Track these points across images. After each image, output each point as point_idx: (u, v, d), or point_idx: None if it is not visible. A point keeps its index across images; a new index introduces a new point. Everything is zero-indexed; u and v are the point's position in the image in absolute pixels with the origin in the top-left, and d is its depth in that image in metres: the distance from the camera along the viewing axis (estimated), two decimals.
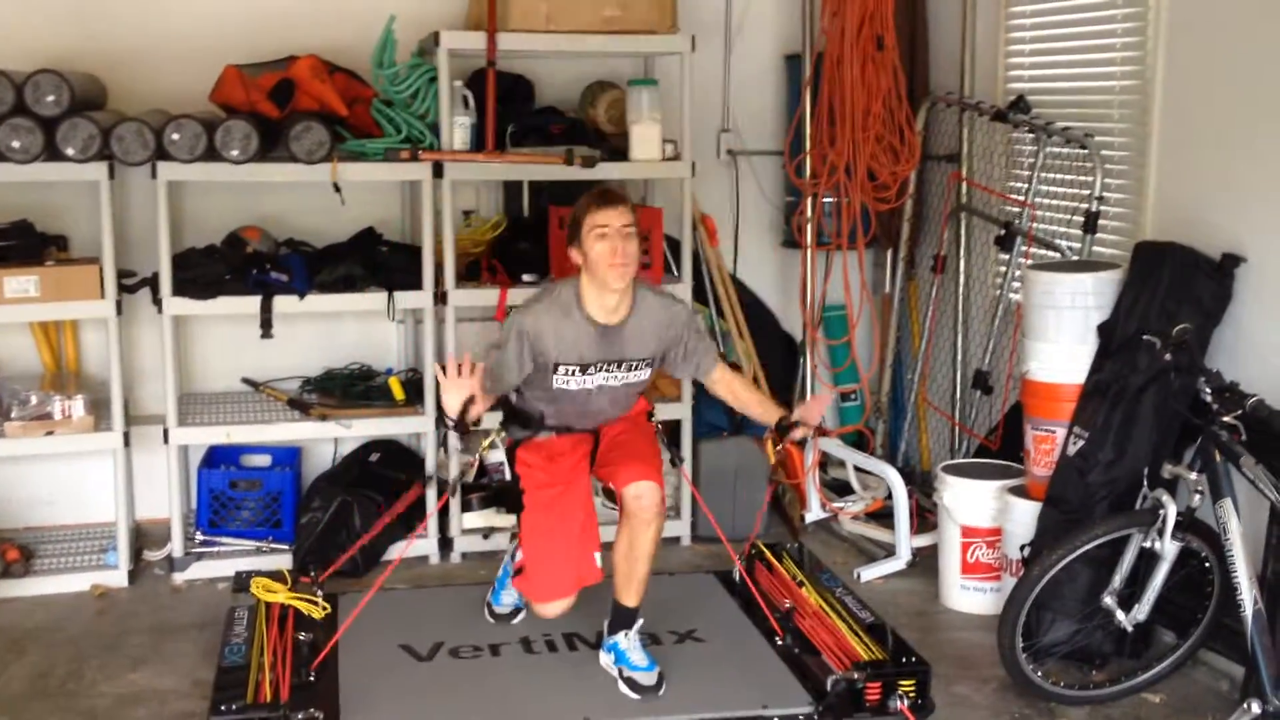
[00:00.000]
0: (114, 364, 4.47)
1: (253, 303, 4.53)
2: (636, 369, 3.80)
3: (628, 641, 3.73)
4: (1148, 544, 3.56)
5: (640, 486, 3.69)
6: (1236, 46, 3.81)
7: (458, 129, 4.68)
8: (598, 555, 3.79)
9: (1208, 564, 3.65)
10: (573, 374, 3.73)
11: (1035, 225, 4.62)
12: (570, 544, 3.76)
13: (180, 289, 4.48)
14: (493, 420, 4.01)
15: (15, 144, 4.21)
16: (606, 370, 3.76)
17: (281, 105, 4.57)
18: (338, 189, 4.57)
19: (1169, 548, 3.54)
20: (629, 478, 3.71)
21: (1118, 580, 3.61)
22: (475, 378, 3.57)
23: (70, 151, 4.25)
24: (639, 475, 3.70)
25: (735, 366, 5.19)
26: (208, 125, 4.37)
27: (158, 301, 4.49)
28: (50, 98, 4.23)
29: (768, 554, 4.33)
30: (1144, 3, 4.14)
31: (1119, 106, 4.31)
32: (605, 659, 3.78)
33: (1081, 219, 4.31)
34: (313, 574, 4.09)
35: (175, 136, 4.33)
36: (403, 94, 4.66)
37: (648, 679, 3.69)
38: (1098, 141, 4.31)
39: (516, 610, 4.11)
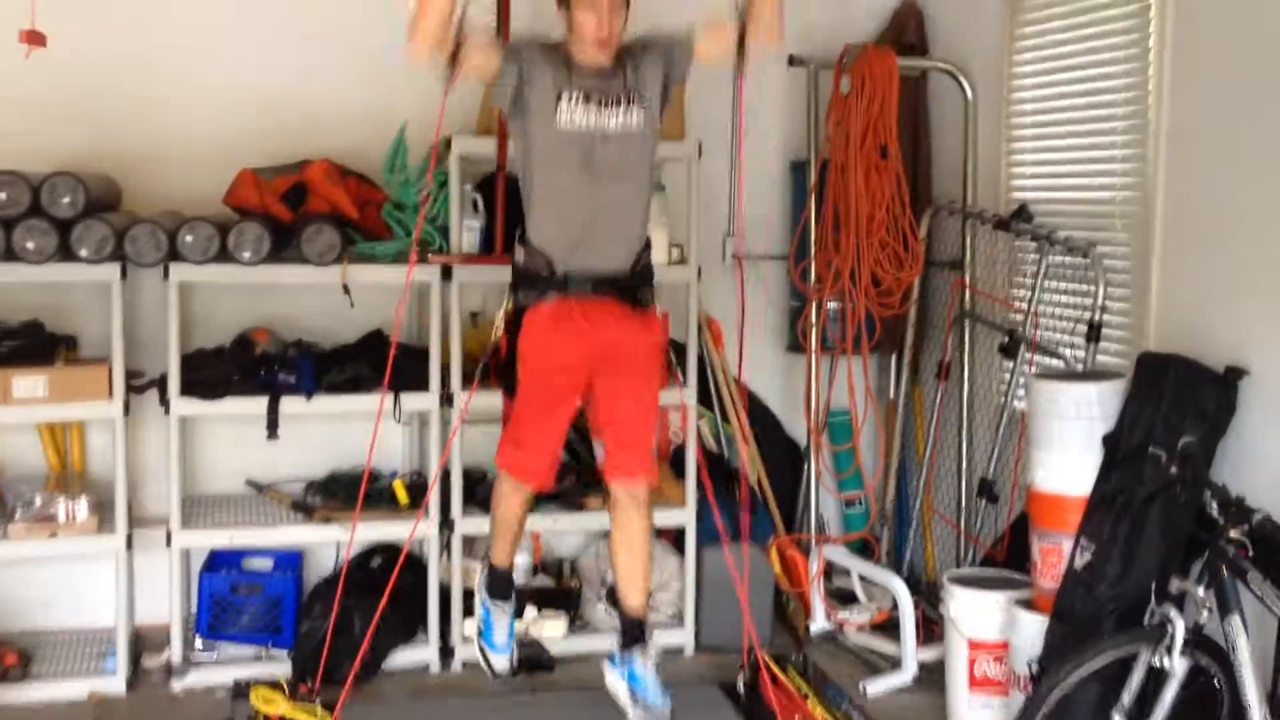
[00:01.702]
0: (119, 465, 4.47)
1: (260, 403, 4.54)
2: (635, 107, 3.73)
3: (645, 666, 3.71)
4: (1156, 661, 3.51)
5: (631, 488, 3.75)
6: (1237, 156, 3.85)
7: (467, 232, 4.73)
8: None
9: (1217, 682, 3.60)
10: (577, 102, 3.67)
11: (1039, 333, 4.64)
12: (543, 449, 3.86)
13: (188, 390, 4.49)
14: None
15: (30, 245, 4.26)
16: (611, 104, 3.69)
17: (294, 208, 4.63)
18: (347, 291, 4.60)
19: (1178, 665, 3.48)
20: (622, 471, 3.73)
21: (1127, 698, 3.55)
22: None
23: (84, 253, 4.30)
24: (631, 472, 3.73)
25: (736, 472, 5.17)
26: (221, 227, 4.42)
27: (165, 402, 4.51)
28: (66, 199, 4.28)
29: (772, 666, 4.28)
30: (1144, 115, 4.20)
31: (1120, 217, 4.35)
32: (615, 680, 3.74)
33: (1085, 328, 4.33)
34: (310, 684, 4.05)
35: (188, 238, 4.38)
36: (414, 198, 4.72)
37: (663, 713, 3.68)
38: (1100, 251, 4.34)
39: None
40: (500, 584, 4.10)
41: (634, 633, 3.75)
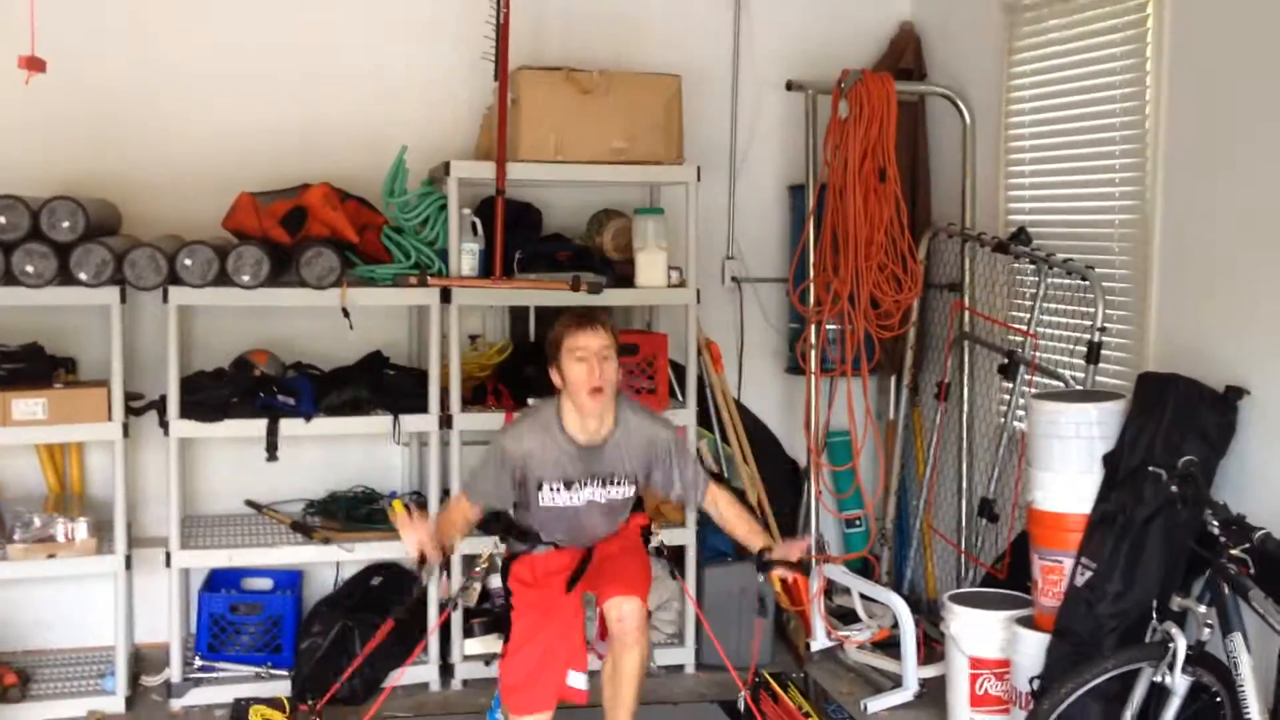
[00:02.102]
0: (119, 486, 4.47)
1: (259, 425, 4.54)
2: (620, 485, 3.83)
3: None
4: (1158, 678, 3.51)
5: (622, 606, 3.69)
6: (1235, 177, 3.87)
7: (466, 255, 4.75)
8: (583, 676, 3.72)
9: (1219, 699, 3.60)
10: (558, 490, 3.76)
11: (1038, 354, 4.65)
12: (552, 657, 3.72)
13: (187, 412, 4.49)
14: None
15: (29, 269, 4.26)
16: (592, 486, 3.79)
17: (293, 232, 4.64)
18: (346, 314, 4.61)
19: (1180, 682, 3.49)
20: (610, 594, 3.71)
21: (1129, 715, 3.54)
22: (426, 526, 3.70)
23: (83, 276, 4.30)
24: (620, 592, 3.70)
25: (739, 492, 5.18)
26: (220, 251, 4.43)
27: (164, 424, 4.50)
28: (65, 224, 4.29)
29: (773, 684, 4.27)
30: (1142, 138, 4.23)
31: (1119, 239, 4.37)
32: None
33: (1084, 349, 4.34)
34: (310, 702, 4.04)
35: (188, 262, 4.39)
36: (413, 221, 4.74)
37: None
38: (1099, 273, 4.36)
39: None
40: None
41: None
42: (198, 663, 4.64)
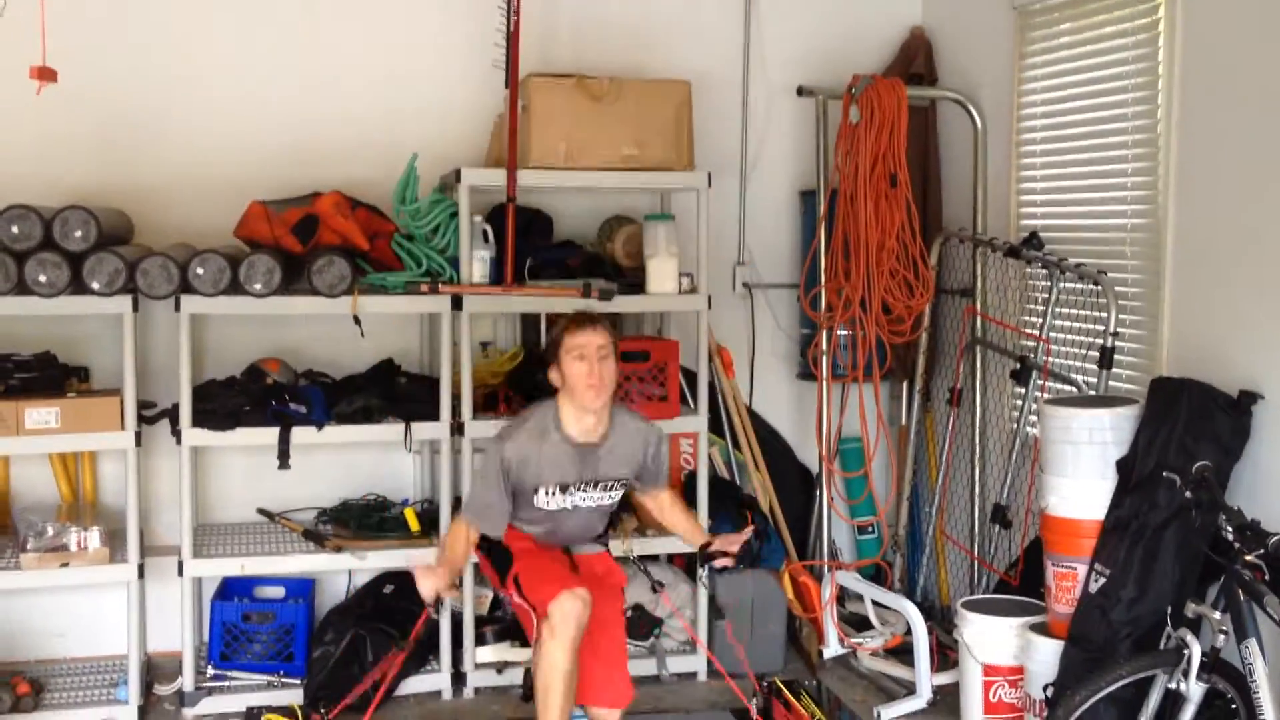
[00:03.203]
0: (131, 495, 4.48)
1: (271, 434, 4.55)
2: (611, 489, 3.96)
3: None
4: (1173, 685, 3.49)
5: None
6: (1247, 181, 3.86)
7: (477, 263, 4.75)
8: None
9: (1234, 705, 3.58)
10: (553, 494, 3.87)
11: (1051, 360, 4.63)
12: (562, 573, 3.86)
13: (199, 420, 4.50)
14: None
15: (42, 278, 4.28)
16: (584, 490, 3.90)
17: (304, 240, 4.64)
18: (358, 321, 4.62)
19: (1194, 689, 3.47)
20: (601, 700, 3.87)
21: None
22: (442, 573, 3.79)
23: (96, 285, 4.31)
24: (612, 700, 3.88)
25: (755, 502, 5.17)
26: (232, 259, 4.44)
27: (177, 433, 4.51)
28: (78, 233, 4.30)
29: (785, 691, 4.26)
30: (1154, 142, 4.22)
31: (1131, 244, 4.36)
32: None
33: (1097, 354, 4.33)
34: (323, 711, 4.04)
35: (200, 270, 4.40)
36: (424, 229, 4.74)
37: None
38: (1111, 278, 4.34)
39: None
40: None
41: None
42: (210, 671, 4.65)
